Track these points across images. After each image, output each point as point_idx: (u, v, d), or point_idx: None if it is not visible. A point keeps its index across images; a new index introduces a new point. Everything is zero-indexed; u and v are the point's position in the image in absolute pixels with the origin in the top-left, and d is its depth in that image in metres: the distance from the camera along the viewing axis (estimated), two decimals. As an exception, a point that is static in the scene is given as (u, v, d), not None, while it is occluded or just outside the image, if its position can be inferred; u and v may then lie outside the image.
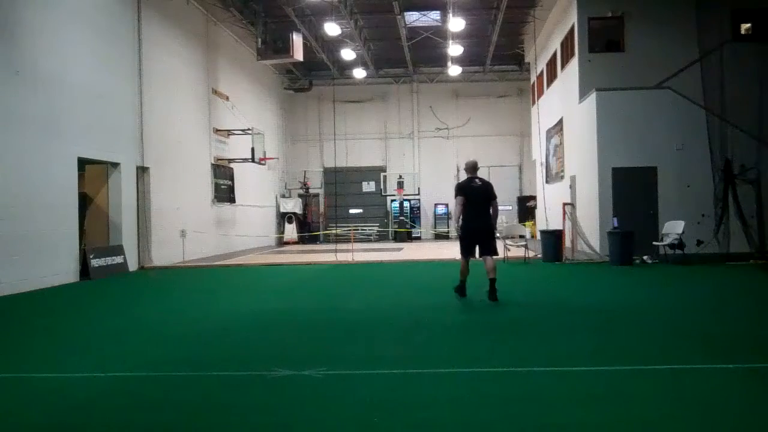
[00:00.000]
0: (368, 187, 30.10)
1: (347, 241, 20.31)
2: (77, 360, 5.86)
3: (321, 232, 27.47)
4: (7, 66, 11.06)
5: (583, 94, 16.55)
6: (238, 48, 22.90)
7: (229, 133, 21.33)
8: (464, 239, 8.96)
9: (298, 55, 20.71)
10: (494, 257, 8.82)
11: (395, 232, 28.01)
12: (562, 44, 19.14)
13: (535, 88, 25.09)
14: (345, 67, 27.88)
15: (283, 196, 28.61)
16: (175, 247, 17.14)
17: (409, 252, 20.17)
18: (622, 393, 4.39)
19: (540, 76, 23.81)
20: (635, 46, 16.24)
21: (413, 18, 22.33)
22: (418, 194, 29.19)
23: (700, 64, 15.65)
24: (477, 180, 8.93)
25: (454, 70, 26.82)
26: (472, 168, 9.01)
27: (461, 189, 8.89)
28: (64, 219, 12.61)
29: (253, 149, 21.16)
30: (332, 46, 25.31)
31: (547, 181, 21.76)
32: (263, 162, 22.07)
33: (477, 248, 8.86)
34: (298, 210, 27.72)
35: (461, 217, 8.87)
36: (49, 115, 12.08)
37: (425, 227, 29.16)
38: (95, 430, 3.94)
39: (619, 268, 13.25)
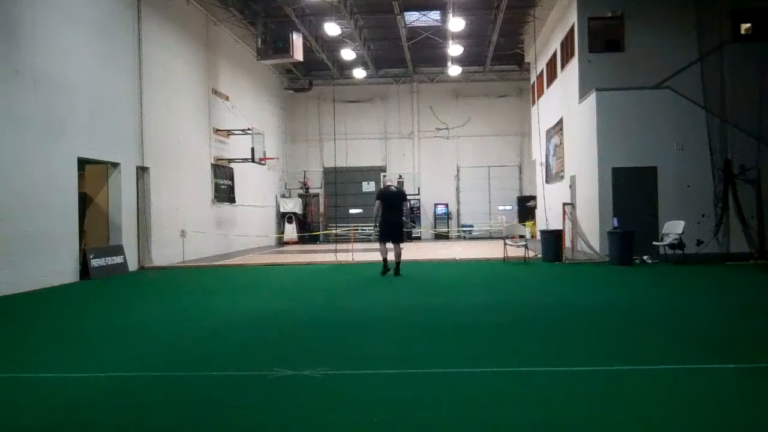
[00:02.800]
0: (368, 187, 30.10)
1: (347, 241, 20.30)
2: (77, 360, 5.86)
3: (321, 232, 27.46)
4: (7, 66, 11.06)
5: (583, 94, 16.55)
6: (238, 48, 22.90)
7: (229, 133, 21.33)
8: (381, 230, 12.31)
9: (298, 55, 20.71)
10: (401, 245, 12.40)
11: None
12: (562, 44, 19.15)
13: (535, 88, 25.10)
14: (345, 67, 27.89)
15: (283, 196, 28.61)
16: (175, 247, 17.14)
17: (409, 252, 20.12)
18: (622, 393, 4.39)
19: (540, 76, 23.82)
20: (635, 46, 16.25)
21: (413, 18, 22.34)
22: (418, 194, 29.20)
23: (700, 64, 15.66)
24: (393, 188, 12.66)
25: (454, 70, 26.82)
26: (389, 180, 13.08)
27: (380, 194, 12.42)
28: (64, 219, 12.61)
29: (253, 149, 21.17)
30: (332, 46, 25.31)
31: (547, 181, 21.77)
32: (263, 162, 22.08)
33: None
34: (298, 210, 27.72)
35: (379, 214, 12.05)
36: (49, 115, 12.08)
37: (425, 227, 29.17)
38: (95, 430, 3.94)
39: (619, 268, 13.25)
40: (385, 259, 12.31)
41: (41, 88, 11.89)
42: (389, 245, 12.34)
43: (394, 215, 12.22)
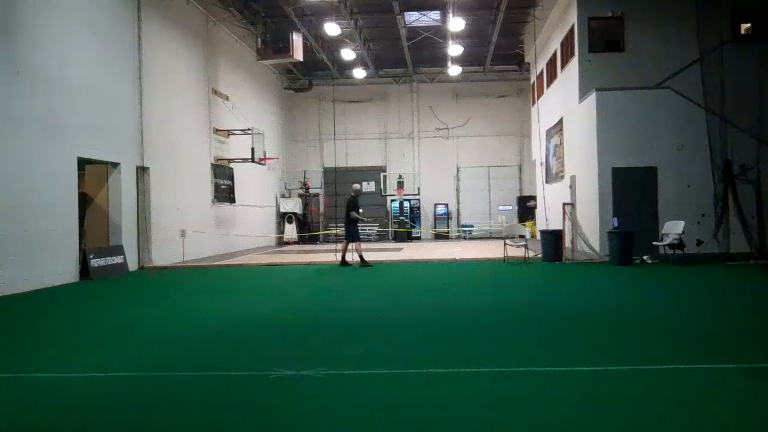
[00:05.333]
0: (368, 187, 30.07)
1: (347, 241, 20.25)
2: (77, 360, 5.86)
3: (321, 232, 27.47)
4: (7, 66, 11.06)
5: (583, 94, 16.55)
6: (238, 48, 22.90)
7: (229, 133, 21.33)
8: (356, 232, 15.28)
9: (298, 55, 20.71)
10: (353, 242, 15.15)
11: (395, 232, 28.01)
12: (562, 44, 19.15)
13: (535, 88, 25.10)
14: (345, 67, 27.89)
15: (283, 196, 28.61)
16: (175, 247, 17.14)
17: (409, 252, 20.17)
18: (622, 393, 4.39)
19: (540, 76, 23.81)
20: (635, 46, 16.24)
21: (413, 18, 22.35)
22: (418, 194, 29.20)
23: (700, 64, 15.66)
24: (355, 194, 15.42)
25: (454, 70, 26.82)
26: (357, 191, 15.69)
27: (353, 203, 15.23)
28: (64, 219, 12.61)
29: (253, 149, 21.16)
30: (332, 46, 25.31)
31: (547, 181, 21.77)
32: (263, 162, 22.07)
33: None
34: (298, 210, 27.72)
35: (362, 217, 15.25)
36: (49, 115, 12.08)
37: (425, 227, 29.17)
38: (95, 430, 3.94)
39: (619, 268, 13.25)
40: (343, 255, 15.17)
41: (41, 88, 11.89)
42: (352, 244, 15.14)
43: (345, 219, 15.20)
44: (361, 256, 14.83)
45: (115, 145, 14.46)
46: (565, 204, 16.97)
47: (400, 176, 28.89)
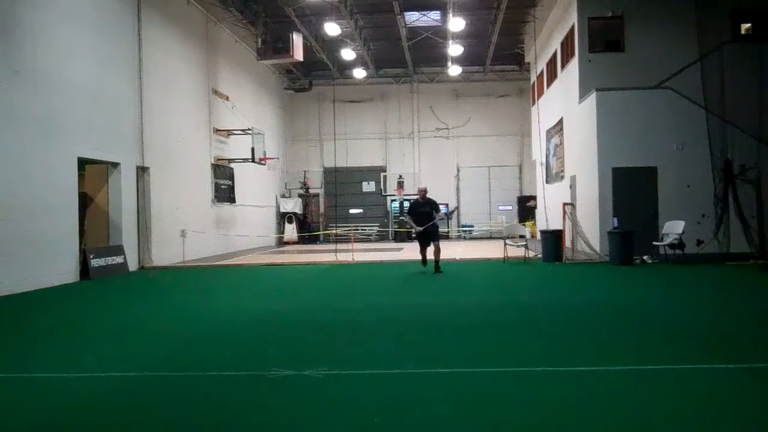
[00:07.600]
0: (368, 187, 30.11)
1: (347, 241, 20.29)
2: (77, 360, 5.86)
3: (321, 232, 27.46)
4: (7, 66, 11.06)
5: (583, 94, 16.55)
6: (238, 48, 22.90)
7: (229, 133, 21.33)
8: (418, 237, 13.43)
9: (298, 55, 20.71)
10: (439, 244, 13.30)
11: (395, 232, 28.00)
12: (562, 44, 19.14)
13: (535, 88, 25.10)
14: (345, 67, 27.89)
15: (283, 196, 28.61)
16: (175, 247, 17.14)
17: (409, 252, 20.14)
18: (622, 393, 4.39)
19: (540, 76, 23.81)
20: (635, 46, 16.24)
21: (413, 18, 22.35)
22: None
23: (700, 64, 15.65)
24: (419, 199, 13.47)
25: (454, 70, 26.82)
26: (421, 193, 13.56)
27: (410, 208, 13.86)
28: (64, 219, 12.60)
29: (253, 149, 21.16)
30: (332, 46, 25.31)
31: (547, 181, 21.77)
32: (263, 162, 22.07)
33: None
34: (298, 210, 27.72)
35: (413, 224, 13.30)
36: (49, 115, 12.08)
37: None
38: (95, 430, 3.94)
39: (619, 268, 13.25)
40: (424, 257, 13.61)
41: (41, 88, 11.89)
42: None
43: (428, 222, 13.26)
44: (422, 255, 13.56)
45: (115, 145, 14.46)
46: (565, 204, 16.97)
47: (400, 176, 28.87)
